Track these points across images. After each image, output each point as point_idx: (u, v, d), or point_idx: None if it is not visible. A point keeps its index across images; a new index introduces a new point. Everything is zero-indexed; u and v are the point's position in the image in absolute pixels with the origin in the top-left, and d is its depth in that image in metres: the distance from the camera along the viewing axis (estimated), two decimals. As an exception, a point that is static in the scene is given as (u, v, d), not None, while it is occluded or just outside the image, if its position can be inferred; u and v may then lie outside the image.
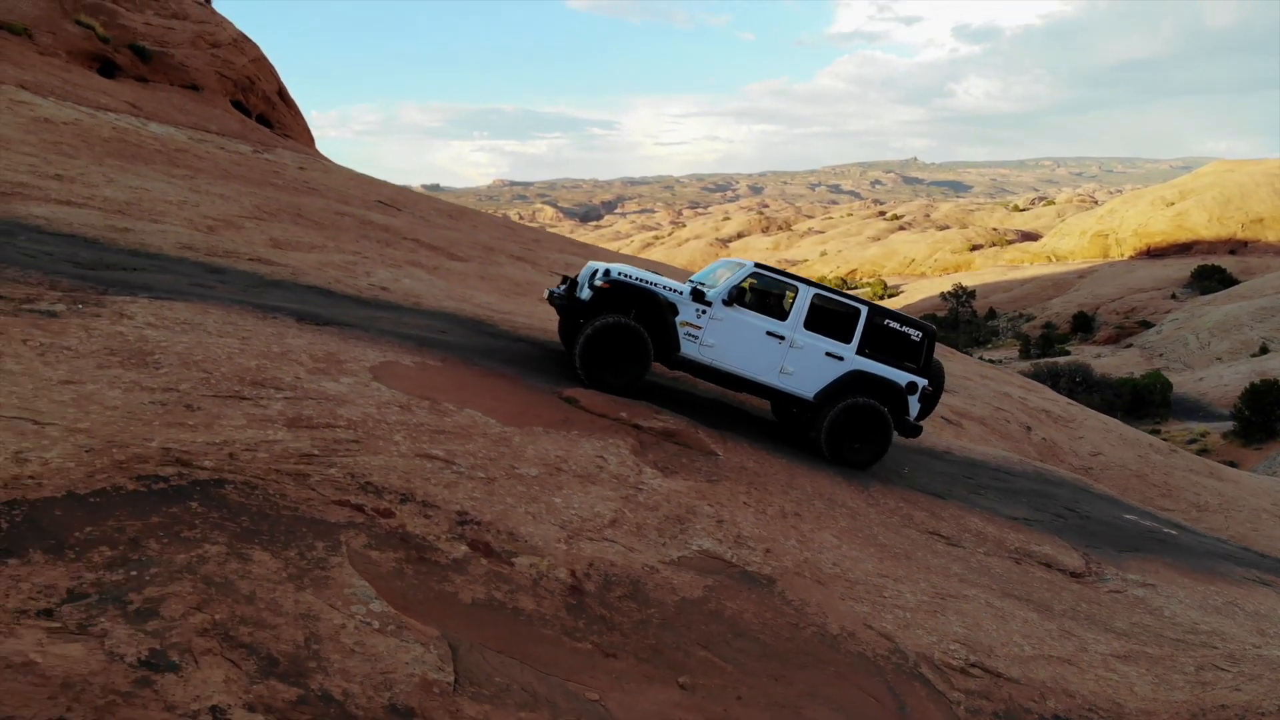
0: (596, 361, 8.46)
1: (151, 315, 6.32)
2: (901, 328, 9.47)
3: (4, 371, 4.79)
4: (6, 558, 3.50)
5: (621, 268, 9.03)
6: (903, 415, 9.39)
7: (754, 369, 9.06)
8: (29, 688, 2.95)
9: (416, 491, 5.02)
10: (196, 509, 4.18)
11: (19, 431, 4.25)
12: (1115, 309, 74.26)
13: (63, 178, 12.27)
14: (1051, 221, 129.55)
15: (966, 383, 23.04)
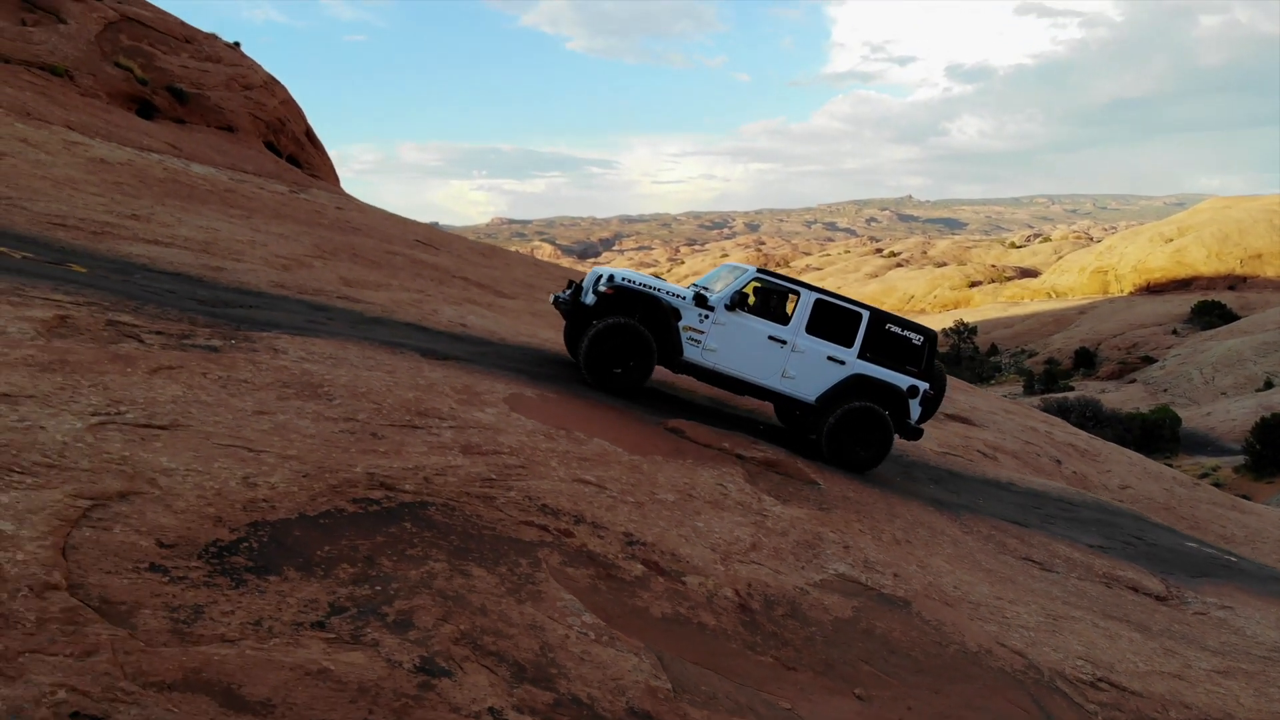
0: (600, 362, 8.64)
1: (301, 350, 6.60)
2: (903, 332, 9.60)
3: (201, 403, 5.05)
4: (267, 574, 3.74)
5: (625, 273, 9.19)
6: (904, 418, 9.51)
7: (756, 373, 9.19)
8: (331, 693, 3.19)
9: (585, 514, 5.27)
10: (411, 529, 4.43)
11: (239, 458, 4.51)
12: (1117, 344, 74.68)
13: (138, 217, 12.58)
14: (1048, 258, 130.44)
15: (993, 417, 23.28)
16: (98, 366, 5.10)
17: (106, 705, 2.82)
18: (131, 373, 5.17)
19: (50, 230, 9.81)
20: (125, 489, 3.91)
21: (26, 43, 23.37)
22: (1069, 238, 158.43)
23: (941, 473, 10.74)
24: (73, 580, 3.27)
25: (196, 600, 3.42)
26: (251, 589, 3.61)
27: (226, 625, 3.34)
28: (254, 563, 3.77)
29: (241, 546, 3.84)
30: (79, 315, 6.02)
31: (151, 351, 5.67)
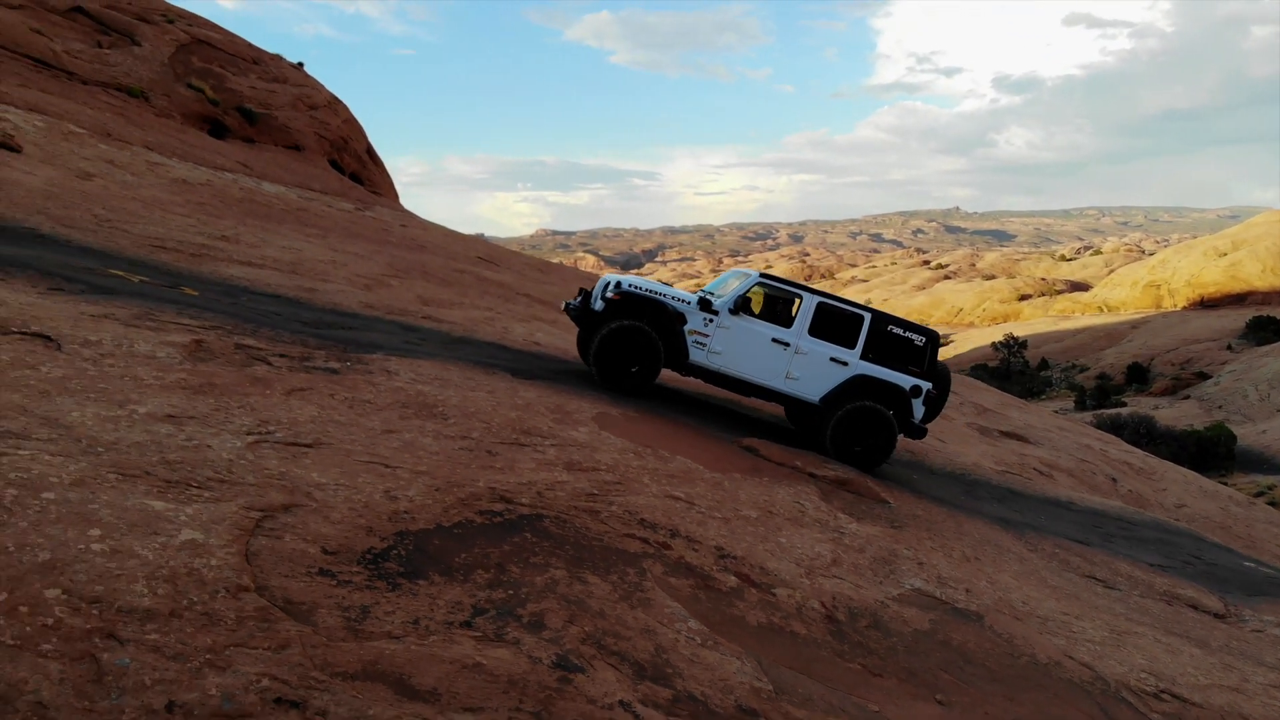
0: (609, 363, 9.00)
1: (411, 373, 7.11)
2: (905, 333, 9.81)
3: (336, 423, 5.55)
4: (417, 579, 4.20)
5: (633, 279, 9.54)
6: (908, 417, 9.72)
7: (760, 374, 9.46)
8: (486, 684, 3.63)
9: (679, 528, 5.68)
10: (532, 539, 4.87)
11: (378, 474, 4.99)
12: (1170, 360, 73.60)
13: (227, 239, 13.25)
14: (1099, 271, 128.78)
15: (1048, 434, 23.34)
16: (241, 389, 5.62)
17: (303, 692, 3.28)
18: (270, 395, 5.68)
19: (154, 253, 10.45)
20: (288, 502, 4.40)
21: (103, 65, 24.40)
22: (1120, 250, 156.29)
23: (1003, 491, 11.01)
24: (259, 583, 3.75)
25: (362, 601, 3.88)
26: (405, 592, 4.06)
27: (390, 624, 3.79)
28: (404, 568, 4.23)
29: (392, 554, 4.30)
30: (210, 340, 6.57)
31: (281, 374, 6.19)
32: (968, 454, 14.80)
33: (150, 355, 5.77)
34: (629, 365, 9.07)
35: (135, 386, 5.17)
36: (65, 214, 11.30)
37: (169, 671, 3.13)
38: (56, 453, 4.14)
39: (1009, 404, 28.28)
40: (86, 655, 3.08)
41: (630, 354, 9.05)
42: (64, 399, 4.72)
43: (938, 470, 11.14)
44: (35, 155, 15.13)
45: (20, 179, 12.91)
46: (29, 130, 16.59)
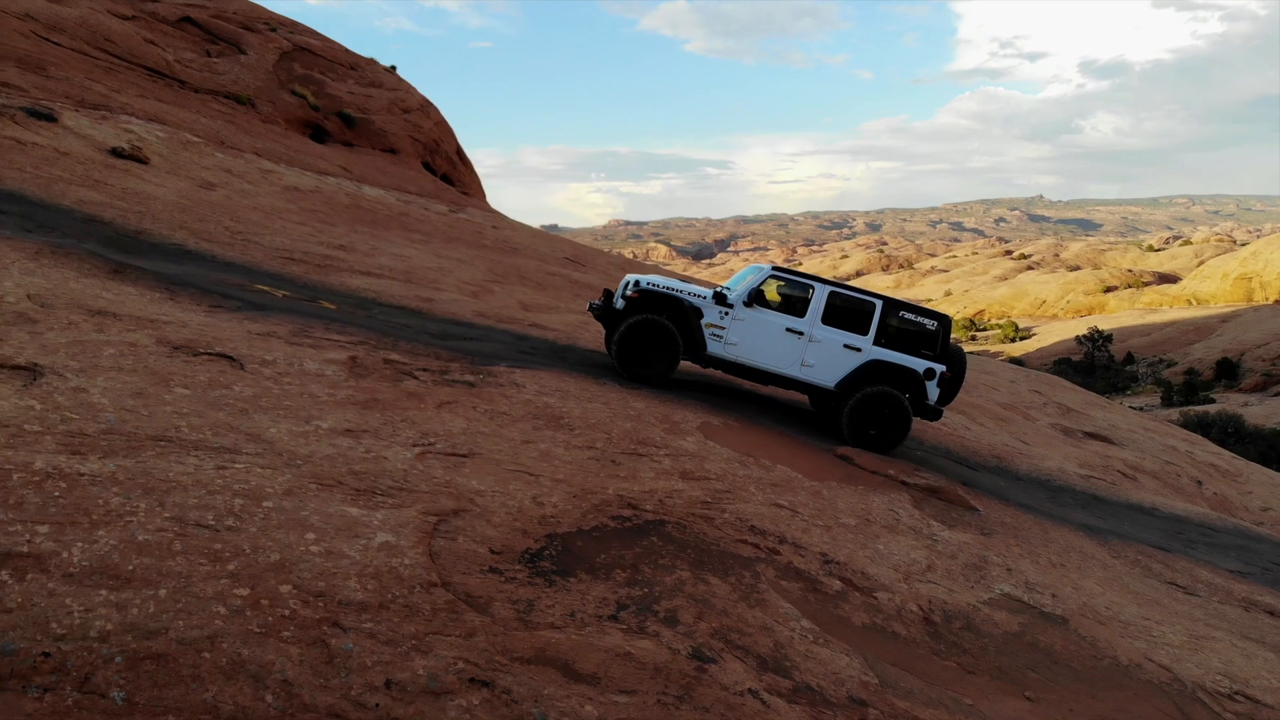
0: (631, 356, 9.45)
1: (536, 385, 7.81)
2: (917, 318, 10.18)
3: (482, 434, 6.25)
4: (567, 576, 4.85)
5: (651, 278, 9.99)
6: (922, 400, 10.04)
7: (776, 363, 9.88)
8: (636, 670, 4.25)
9: (786, 535, 6.26)
10: (658, 543, 5.50)
11: (525, 481, 5.66)
12: (1261, 355, 71.43)
13: (344, 248, 14.16)
14: (1188, 263, 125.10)
15: (1133, 435, 23.27)
16: (400, 405, 6.35)
17: (491, 674, 3.94)
18: (424, 409, 6.41)
19: (285, 265, 11.33)
20: (456, 507, 5.09)
21: (212, 73, 25.71)
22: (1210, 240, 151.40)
23: (1087, 497, 11.32)
24: (444, 580, 4.43)
25: (527, 596, 4.54)
26: (559, 588, 4.71)
27: (552, 616, 4.45)
28: (556, 567, 4.89)
29: (545, 554, 4.96)
30: (362, 356, 7.34)
31: (428, 388, 6.92)
32: (1051, 456, 15.05)
33: (319, 373, 6.54)
34: (648, 357, 9.54)
35: (314, 404, 5.92)
36: (201, 227, 12.28)
37: (384, 655, 3.81)
38: (265, 466, 4.88)
39: (1093, 403, 28.15)
40: (318, 641, 3.78)
41: (649, 346, 9.51)
42: (260, 416, 5.49)
43: (1023, 476, 11.50)
44: (161, 166, 16.25)
45: (154, 192, 13.97)
46: (152, 141, 17.77)
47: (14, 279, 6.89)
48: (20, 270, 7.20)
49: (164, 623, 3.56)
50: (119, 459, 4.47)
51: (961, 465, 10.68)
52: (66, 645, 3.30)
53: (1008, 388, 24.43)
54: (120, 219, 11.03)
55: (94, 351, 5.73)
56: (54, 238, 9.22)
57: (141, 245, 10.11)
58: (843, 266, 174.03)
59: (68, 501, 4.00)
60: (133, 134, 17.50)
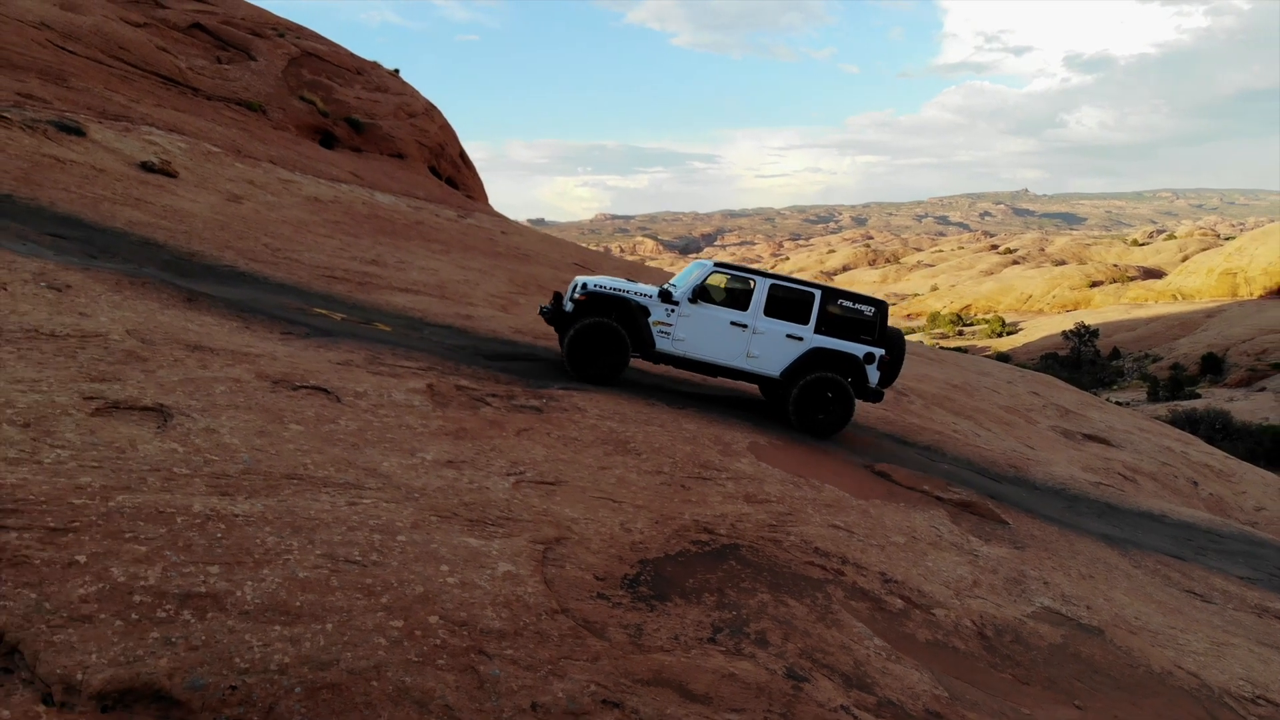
0: (581, 358, 9.78)
1: (596, 409, 8.23)
2: (855, 305, 10.62)
3: (562, 461, 6.67)
4: (665, 601, 5.28)
5: (598, 280, 10.39)
6: (864, 384, 10.51)
7: (723, 356, 10.28)
8: (741, 690, 4.69)
9: (847, 555, 6.71)
10: (736, 566, 5.94)
11: (611, 508, 6.09)
12: (1246, 350, 72.38)
13: (376, 262, 14.53)
14: (1173, 257, 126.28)
15: (1130, 436, 23.83)
16: (484, 433, 6.77)
17: (620, 696, 4.37)
18: (506, 437, 6.83)
19: (330, 284, 11.70)
20: (557, 536, 5.51)
21: (224, 80, 25.95)
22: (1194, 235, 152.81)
23: (1102, 506, 11.82)
24: (563, 606, 4.85)
25: (635, 620, 4.97)
26: (660, 612, 5.15)
27: (660, 639, 4.88)
28: (653, 592, 5.32)
29: (641, 579, 5.40)
30: (436, 383, 7.76)
31: (503, 414, 7.35)
32: (1059, 462, 15.55)
33: (408, 404, 6.95)
34: (599, 359, 9.85)
35: (413, 436, 6.34)
36: (244, 245, 12.63)
37: (526, 680, 4.24)
38: (389, 500, 5.29)
39: (1088, 404, 28.74)
40: (469, 668, 4.21)
41: (599, 348, 9.81)
42: (370, 450, 5.90)
43: (1040, 485, 11.99)
44: (189, 180, 16.56)
45: (190, 208, 14.30)
46: (176, 153, 18.07)
47: (107, 314, 7.26)
48: (109, 303, 7.56)
49: (334, 654, 3.97)
50: (263, 499, 4.87)
51: (984, 477, 11.16)
52: (250, 678, 3.70)
53: (1006, 390, 24.96)
54: (171, 240, 11.38)
55: (207, 389, 6.12)
56: (117, 262, 9.57)
57: (197, 268, 10.46)
58: (829, 261, 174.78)
59: (230, 542, 4.40)
60: (157, 146, 17.79)
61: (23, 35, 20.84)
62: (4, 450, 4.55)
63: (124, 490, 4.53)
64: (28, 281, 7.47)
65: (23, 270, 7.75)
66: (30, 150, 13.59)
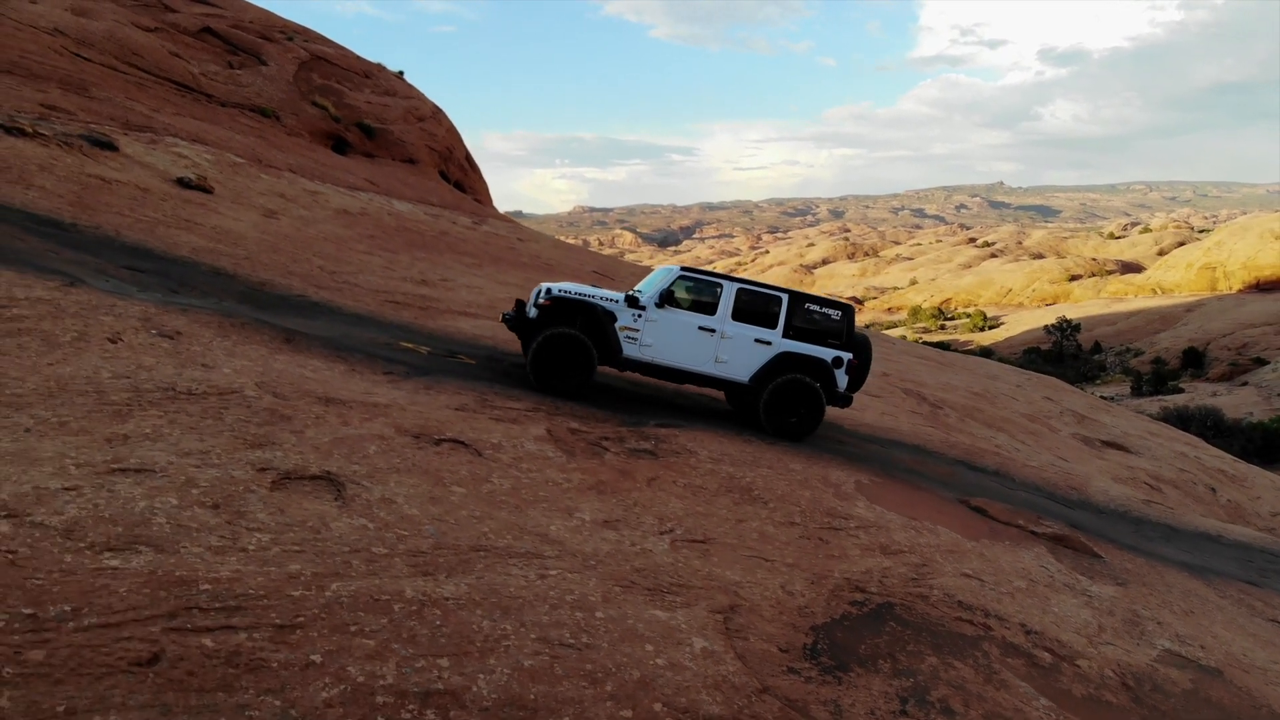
0: (546, 370, 9.52)
1: (704, 450, 8.23)
2: (822, 309, 10.55)
3: (700, 514, 6.65)
4: (846, 670, 5.28)
5: (563, 285, 10.10)
6: (832, 388, 10.43)
7: (691, 361, 10.11)
8: (946, 764, 4.69)
9: (986, 607, 6.73)
10: (897, 629, 5.95)
11: (766, 569, 6.08)
12: (1226, 345, 73.21)
13: (425, 282, 14.42)
14: (1148, 250, 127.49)
15: (1144, 442, 24.09)
16: (620, 485, 6.74)
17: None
18: (640, 487, 6.81)
19: (396, 310, 11.60)
20: (730, 603, 5.49)
21: (237, 86, 25.64)
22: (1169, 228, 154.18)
23: (1164, 528, 11.94)
24: (764, 685, 4.84)
25: (830, 696, 4.96)
26: (847, 685, 5.14)
27: (858, 714, 4.87)
28: (834, 662, 5.31)
29: (819, 649, 5.39)
30: (552, 427, 7.72)
31: (625, 462, 7.32)
32: (1094, 474, 15.67)
33: (541, 454, 6.91)
34: (564, 370, 9.54)
35: (561, 492, 6.31)
36: (301, 270, 12.50)
37: (755, 764, 4.23)
38: (570, 570, 5.26)
39: (1097, 407, 29.04)
40: (703, 754, 4.19)
41: (564, 359, 9.54)
42: (532, 512, 5.85)
43: (1103, 509, 12.09)
44: (225, 195, 16.36)
45: (234, 227, 14.13)
46: (205, 165, 17.84)
47: (228, 364, 7.16)
48: (223, 351, 7.46)
49: (583, 749, 3.95)
50: (461, 576, 4.82)
51: (1054, 501, 11.23)
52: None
53: (1022, 396, 25.16)
54: (238, 269, 11.24)
55: (360, 450, 6.05)
56: (196, 296, 9.45)
57: (272, 298, 10.35)
58: (809, 255, 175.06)
59: (450, 630, 4.35)
60: (187, 159, 17.56)
61: (39, 42, 20.50)
62: (206, 538, 4.48)
63: (334, 577, 4.47)
64: (138, 330, 7.35)
65: (127, 316, 7.62)
66: (75, 171, 13.37)
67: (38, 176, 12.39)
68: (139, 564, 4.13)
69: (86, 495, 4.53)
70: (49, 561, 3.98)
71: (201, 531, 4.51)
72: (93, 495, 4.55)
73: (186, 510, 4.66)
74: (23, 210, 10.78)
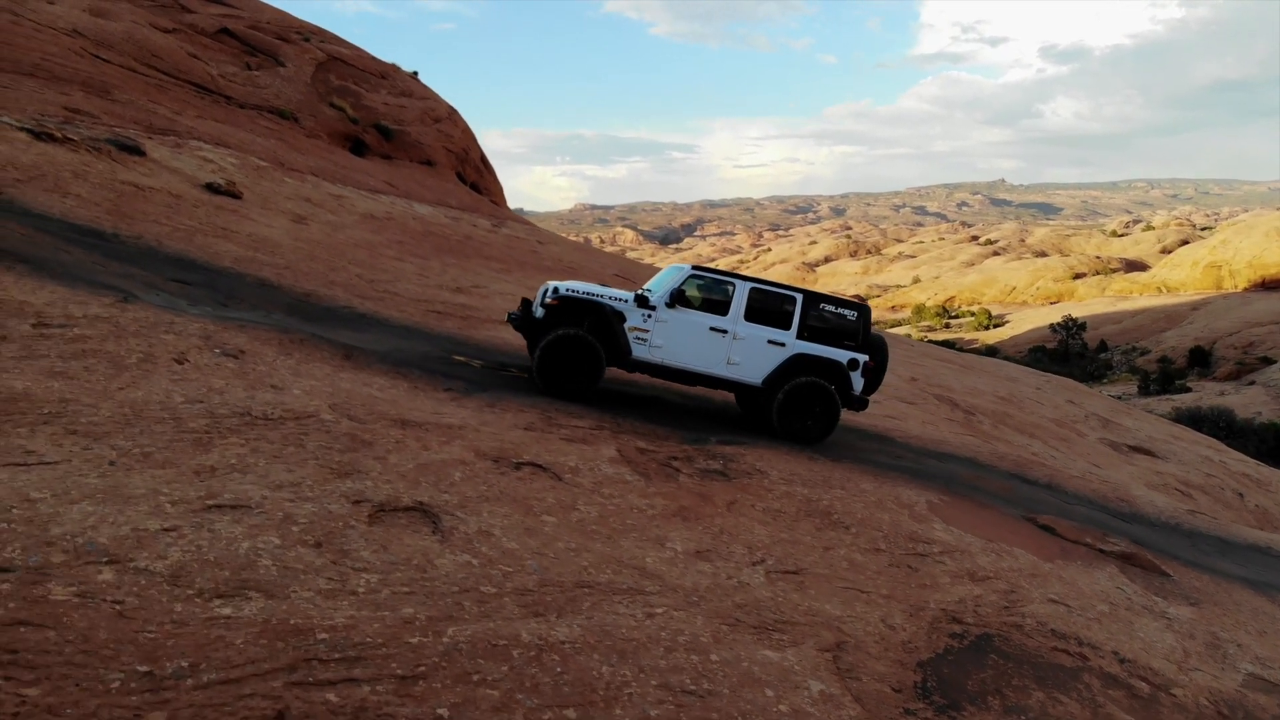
0: (553, 373, 9.24)
1: (774, 470, 8.06)
2: (838, 310, 10.21)
3: (785, 541, 6.49)
4: (959, 710, 5.11)
5: (570, 284, 9.81)
6: (848, 391, 10.10)
7: (702, 363, 9.78)
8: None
9: (1079, 635, 6.57)
10: (1000, 662, 5.78)
11: (863, 601, 5.92)
12: (1233, 344, 72.90)
13: (460, 290, 14.26)
14: (1151, 248, 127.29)
15: (1170, 446, 23.93)
16: (701, 510, 6.59)
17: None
18: (720, 512, 6.66)
19: (440, 321, 11.44)
20: (836, 640, 5.33)
21: (255, 87, 25.45)
22: (1171, 225, 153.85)
23: (1215, 540, 11.78)
24: (884, 726, 4.67)
25: (949, 738, 4.79)
26: (962, 725, 4.97)
27: (981, 759, 4.71)
28: (946, 700, 5.15)
29: (929, 687, 5.22)
30: (621, 448, 7.56)
31: (700, 484, 7.17)
32: (1130, 483, 15.52)
33: (619, 478, 6.75)
34: (572, 372, 9.27)
35: (648, 520, 6.15)
36: (341, 279, 12.33)
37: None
38: (675, 606, 5.09)
39: (1118, 409, 28.91)
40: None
41: (572, 361, 9.27)
42: (625, 543, 5.69)
43: (1155, 521, 11.92)
44: (254, 201, 16.19)
45: (268, 234, 13.96)
46: (230, 169, 17.67)
47: (296, 384, 6.99)
48: (288, 370, 7.29)
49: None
50: (572, 617, 4.65)
51: (1110, 515, 11.07)
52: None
53: (1048, 400, 25.01)
54: (278, 278, 11.08)
55: (446, 478, 5.88)
56: (245, 309, 9.28)
57: (320, 311, 10.19)
58: (811, 252, 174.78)
59: (571, 677, 4.18)
60: (213, 164, 17.38)
61: (59, 44, 20.31)
62: (315, 580, 4.31)
63: (449, 620, 4.30)
64: (201, 349, 7.18)
65: (188, 334, 7.46)
66: (108, 178, 13.19)
67: (73, 184, 12.21)
68: (251, 612, 3.96)
69: (187, 536, 4.36)
70: (159, 612, 3.81)
71: (309, 573, 4.34)
72: (193, 536, 4.38)
73: (290, 550, 4.49)
74: (63, 220, 10.60)
